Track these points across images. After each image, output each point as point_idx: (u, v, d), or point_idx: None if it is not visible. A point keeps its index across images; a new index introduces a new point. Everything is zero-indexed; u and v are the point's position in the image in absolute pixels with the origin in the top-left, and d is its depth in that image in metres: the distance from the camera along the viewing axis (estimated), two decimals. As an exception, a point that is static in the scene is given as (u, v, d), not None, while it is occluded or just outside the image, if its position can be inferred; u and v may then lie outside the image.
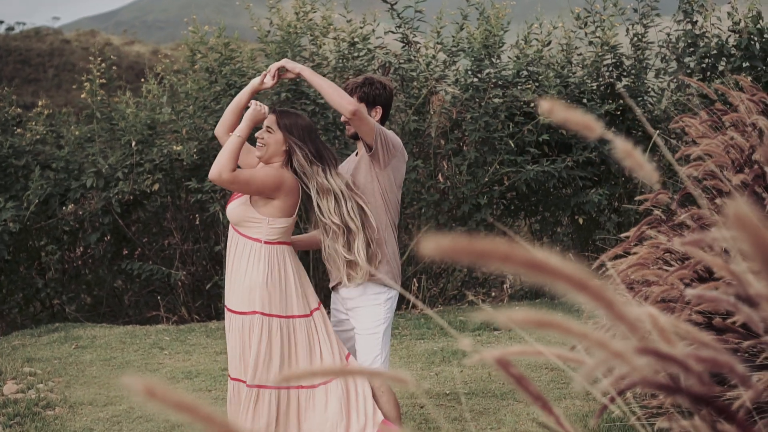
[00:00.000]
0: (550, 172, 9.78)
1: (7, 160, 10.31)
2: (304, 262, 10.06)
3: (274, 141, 4.59)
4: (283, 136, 4.55)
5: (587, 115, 1.20)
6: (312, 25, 10.22)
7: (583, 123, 1.20)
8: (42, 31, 75.90)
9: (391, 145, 4.48)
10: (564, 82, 10.27)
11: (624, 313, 1.01)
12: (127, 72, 48.92)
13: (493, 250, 0.93)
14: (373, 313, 4.52)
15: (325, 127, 9.65)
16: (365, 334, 4.55)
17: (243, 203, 4.62)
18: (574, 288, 0.98)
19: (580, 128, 1.21)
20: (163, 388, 0.90)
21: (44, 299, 10.93)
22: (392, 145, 4.49)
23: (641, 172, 1.32)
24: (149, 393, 0.90)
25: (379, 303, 4.51)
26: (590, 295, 0.99)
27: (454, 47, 10.26)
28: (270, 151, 4.60)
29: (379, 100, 4.56)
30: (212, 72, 9.81)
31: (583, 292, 0.98)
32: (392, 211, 4.56)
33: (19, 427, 5.99)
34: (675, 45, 10.57)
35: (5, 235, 9.60)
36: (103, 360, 7.94)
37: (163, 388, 0.90)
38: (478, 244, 0.93)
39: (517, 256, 0.94)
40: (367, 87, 4.56)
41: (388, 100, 4.62)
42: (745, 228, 0.85)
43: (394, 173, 4.54)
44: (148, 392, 0.90)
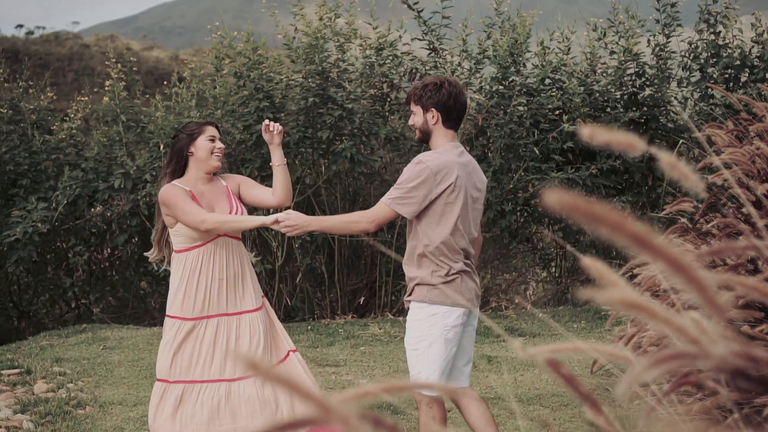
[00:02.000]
0: (574, 180, 9.81)
1: (38, 157, 10.42)
2: (329, 268, 10.15)
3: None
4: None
5: (629, 135, 1.25)
6: (338, 30, 10.29)
7: (625, 142, 1.25)
8: (61, 35, 76.30)
9: (420, 193, 4.40)
10: (588, 90, 10.30)
11: (714, 297, 1.07)
12: (146, 77, 49.13)
13: (607, 217, 0.98)
14: (412, 327, 4.52)
15: (352, 132, 9.72)
16: (408, 349, 4.59)
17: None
18: (672, 268, 1.03)
19: (623, 147, 1.26)
20: (266, 365, 0.98)
21: (71, 300, 11.02)
22: (416, 200, 4.40)
23: (686, 183, 1.36)
24: (252, 366, 0.97)
25: (419, 318, 4.49)
26: (686, 276, 1.05)
27: (479, 54, 10.31)
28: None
29: (432, 103, 4.54)
30: (240, 77, 9.89)
31: (679, 272, 1.04)
32: (440, 235, 4.44)
33: (51, 425, 6.06)
34: (698, 55, 10.60)
35: (34, 235, 9.70)
36: (131, 361, 8.01)
37: (266, 365, 0.98)
38: (594, 208, 0.99)
39: (626, 228, 0.99)
40: (420, 90, 4.55)
41: (445, 102, 4.56)
42: None
43: (430, 205, 4.46)
44: (251, 366, 0.98)
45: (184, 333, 4.76)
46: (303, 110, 9.72)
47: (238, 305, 4.88)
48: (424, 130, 4.58)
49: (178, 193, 4.74)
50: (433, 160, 4.42)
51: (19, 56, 67.36)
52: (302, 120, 9.71)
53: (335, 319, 9.97)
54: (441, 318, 4.39)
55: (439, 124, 4.54)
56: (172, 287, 4.88)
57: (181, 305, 4.79)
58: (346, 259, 10.34)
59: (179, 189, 4.78)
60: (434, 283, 4.39)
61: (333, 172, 9.83)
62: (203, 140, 4.85)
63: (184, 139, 4.87)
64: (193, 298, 4.77)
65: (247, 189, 5.08)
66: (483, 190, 4.63)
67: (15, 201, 10.33)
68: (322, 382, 7.24)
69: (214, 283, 4.80)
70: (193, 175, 4.90)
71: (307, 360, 8.04)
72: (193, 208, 4.68)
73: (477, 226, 4.60)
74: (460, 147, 4.58)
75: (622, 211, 0.99)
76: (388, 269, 10.21)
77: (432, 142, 4.58)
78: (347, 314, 10.15)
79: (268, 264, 9.88)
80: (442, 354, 4.42)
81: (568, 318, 9.47)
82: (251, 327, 4.88)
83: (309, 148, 9.98)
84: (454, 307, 4.40)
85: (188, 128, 4.93)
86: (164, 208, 4.78)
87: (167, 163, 4.96)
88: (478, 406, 4.54)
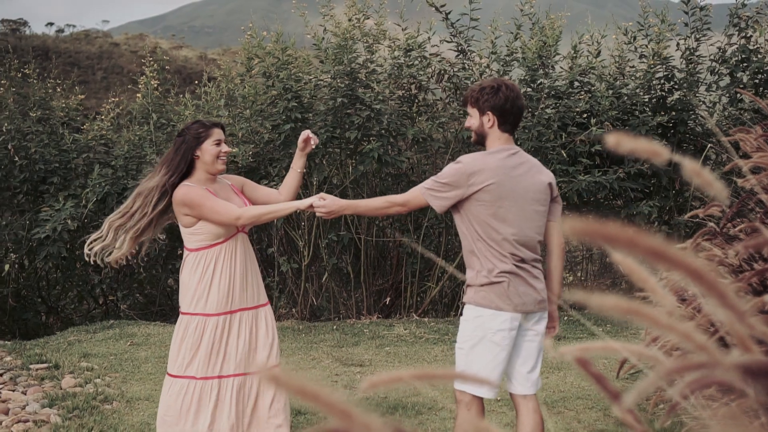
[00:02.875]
0: (601, 183, 9.78)
1: (68, 156, 10.53)
2: (355, 268, 10.17)
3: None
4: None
5: (654, 142, 1.26)
6: (366, 31, 10.31)
7: (650, 150, 1.26)
8: (91, 33, 76.90)
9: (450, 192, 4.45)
10: (616, 94, 10.27)
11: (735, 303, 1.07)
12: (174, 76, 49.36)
13: (620, 236, 1.00)
14: (461, 328, 4.51)
15: (379, 133, 9.74)
16: (456, 348, 4.56)
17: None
18: (692, 278, 1.04)
19: (647, 155, 1.27)
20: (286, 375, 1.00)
21: (99, 296, 11.11)
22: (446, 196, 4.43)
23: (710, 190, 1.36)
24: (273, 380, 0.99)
25: (467, 319, 4.49)
26: (705, 285, 1.05)
27: (507, 57, 10.31)
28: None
29: (488, 106, 4.50)
30: (269, 76, 9.93)
31: (698, 281, 1.05)
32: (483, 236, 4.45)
33: (78, 419, 6.10)
34: (728, 59, 10.54)
35: (64, 233, 9.79)
36: (158, 357, 8.07)
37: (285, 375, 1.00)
38: (607, 229, 1.00)
39: (641, 243, 1.00)
40: (477, 92, 4.51)
41: (501, 104, 4.48)
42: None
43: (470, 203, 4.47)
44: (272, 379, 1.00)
45: (208, 329, 4.79)
46: (331, 110, 9.75)
47: (255, 299, 4.94)
48: (479, 132, 4.55)
49: (201, 193, 4.72)
50: (473, 160, 4.40)
51: (49, 54, 67.99)
52: (330, 120, 9.74)
53: (360, 319, 10.00)
54: (486, 320, 4.35)
55: (495, 127, 4.50)
56: (188, 285, 4.85)
57: (205, 302, 4.79)
58: (372, 260, 10.36)
59: (199, 189, 4.77)
60: (480, 284, 4.36)
61: (360, 173, 9.85)
62: (209, 144, 4.83)
63: (191, 141, 4.84)
64: (217, 294, 4.78)
65: (251, 190, 5.12)
66: (543, 191, 4.51)
67: (45, 198, 10.45)
68: (346, 381, 7.27)
69: (236, 278, 4.82)
70: (200, 176, 4.88)
71: (332, 359, 8.07)
72: (223, 206, 4.69)
73: (536, 229, 4.49)
74: (514, 149, 4.51)
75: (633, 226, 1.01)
76: (414, 270, 10.23)
77: (487, 144, 4.54)
78: (373, 314, 10.18)
79: (295, 263, 9.91)
80: (485, 356, 4.37)
81: (594, 321, 9.45)
82: (266, 320, 4.96)
83: (337, 148, 10.02)
84: (500, 311, 4.34)
85: (195, 130, 4.88)
86: (184, 208, 4.73)
87: (170, 160, 4.86)
88: (530, 418, 4.50)
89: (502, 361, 4.39)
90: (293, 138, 9.61)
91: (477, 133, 4.57)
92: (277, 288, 10.09)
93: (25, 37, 76.34)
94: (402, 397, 6.70)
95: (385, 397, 6.69)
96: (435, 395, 6.82)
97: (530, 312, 4.41)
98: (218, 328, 4.80)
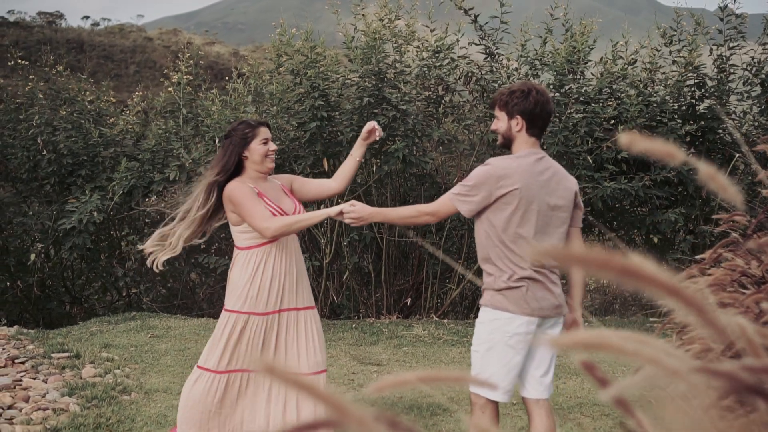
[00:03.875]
0: (627, 190, 9.73)
1: (96, 149, 10.62)
2: (376, 267, 10.18)
3: None
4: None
5: (669, 143, 1.25)
6: (396, 32, 10.31)
7: (665, 151, 1.25)
8: (126, 27, 77.25)
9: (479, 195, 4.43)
10: (645, 101, 10.20)
11: (715, 319, 1.06)
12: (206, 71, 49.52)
13: (591, 258, 0.98)
14: (477, 330, 4.50)
15: (405, 133, 9.74)
16: (471, 350, 4.57)
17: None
18: (668, 294, 1.03)
19: (662, 156, 1.25)
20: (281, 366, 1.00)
21: (122, 288, 11.20)
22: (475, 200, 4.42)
23: (725, 195, 1.35)
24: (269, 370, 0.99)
25: (483, 322, 4.48)
26: (683, 302, 1.04)
27: (537, 60, 10.27)
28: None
29: (518, 110, 4.45)
30: (297, 74, 9.96)
31: (675, 298, 1.04)
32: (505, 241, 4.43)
33: (97, 409, 6.15)
34: (760, 69, 10.45)
35: (90, 225, 9.88)
36: (178, 350, 8.12)
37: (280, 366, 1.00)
38: (576, 252, 0.99)
39: (613, 264, 0.99)
40: (506, 96, 4.49)
41: (531, 109, 4.45)
42: None
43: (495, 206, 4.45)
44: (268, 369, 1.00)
45: (253, 327, 4.77)
46: (357, 110, 9.76)
47: (302, 300, 4.90)
48: (507, 136, 4.53)
49: (247, 193, 4.71)
50: (500, 163, 4.38)
51: (84, 47, 68.42)
52: (356, 119, 9.75)
53: (380, 319, 10.01)
54: (503, 324, 4.34)
55: (523, 131, 4.48)
56: (237, 283, 4.81)
57: (254, 301, 4.76)
58: (394, 260, 10.37)
59: (248, 188, 4.75)
60: (497, 288, 4.34)
61: (384, 172, 9.86)
62: (257, 144, 4.83)
63: (238, 142, 4.84)
64: (267, 293, 4.75)
65: (302, 185, 5.11)
66: (567, 197, 4.49)
67: (72, 190, 10.54)
68: (363, 380, 7.28)
69: (285, 277, 4.79)
70: (251, 174, 4.86)
71: (349, 357, 8.09)
72: (259, 212, 4.65)
73: (559, 235, 4.47)
74: (540, 153, 4.49)
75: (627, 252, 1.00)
76: (435, 271, 10.22)
77: (514, 148, 4.52)
78: (392, 314, 10.18)
79: (316, 261, 9.94)
80: (500, 360, 4.37)
81: (614, 328, 9.38)
82: (315, 323, 4.94)
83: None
84: (518, 315, 4.33)
85: (241, 131, 4.87)
86: (230, 205, 4.74)
87: (219, 161, 4.88)
88: (542, 422, 4.49)
89: (517, 364, 4.38)
90: (318, 136, 9.64)
91: (504, 136, 4.55)
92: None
93: (61, 29, 76.86)
94: (418, 397, 6.70)
95: (400, 397, 6.69)
96: (452, 396, 6.82)
97: (547, 317, 4.39)
98: (263, 327, 4.78)
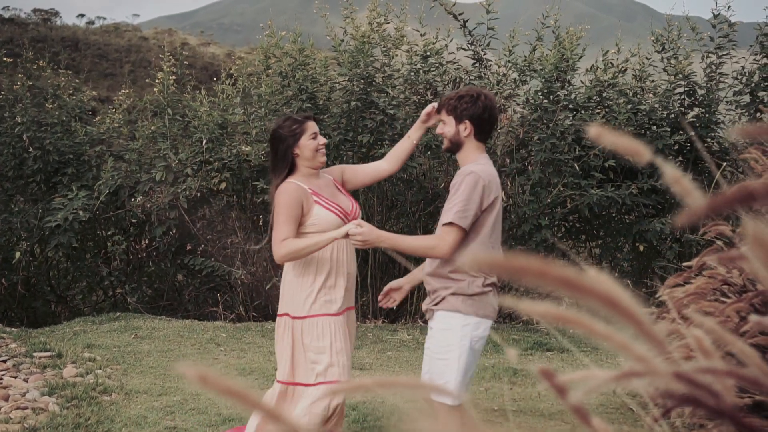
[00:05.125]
0: (613, 198, 9.73)
1: (82, 148, 10.59)
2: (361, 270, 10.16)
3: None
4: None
5: (635, 141, 1.24)
6: (385, 36, 10.31)
7: (631, 149, 1.24)
8: (121, 27, 77.24)
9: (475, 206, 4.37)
10: (634, 110, 10.20)
11: (652, 330, 1.06)
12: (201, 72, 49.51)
13: (528, 267, 0.98)
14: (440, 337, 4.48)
15: (392, 138, 9.73)
16: (434, 358, 4.52)
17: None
18: (606, 305, 1.03)
19: (629, 154, 1.25)
20: (216, 376, 0.98)
21: (107, 288, 11.17)
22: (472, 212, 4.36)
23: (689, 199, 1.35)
24: (202, 380, 0.98)
25: (451, 328, 4.46)
26: (620, 313, 1.04)
27: (525, 67, 10.27)
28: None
29: (467, 114, 4.45)
30: (285, 76, 9.94)
31: (613, 309, 1.03)
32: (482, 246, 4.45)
33: (76, 409, 6.12)
34: (750, 78, 10.46)
35: (75, 223, 9.86)
36: (161, 351, 8.10)
37: (215, 376, 0.97)
38: (513, 261, 0.98)
39: (550, 273, 0.98)
40: (455, 100, 4.47)
41: (480, 114, 4.46)
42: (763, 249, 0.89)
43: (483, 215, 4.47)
44: (201, 379, 0.98)
45: (333, 329, 4.64)
46: (345, 113, 9.75)
47: (354, 298, 4.86)
48: (455, 141, 4.51)
49: (289, 202, 4.56)
50: (483, 171, 4.38)
51: (79, 45, 68.32)
52: (344, 123, 9.74)
53: (365, 323, 9.99)
54: (472, 329, 4.36)
55: (471, 136, 4.49)
56: (301, 286, 4.66)
57: (326, 303, 4.63)
58: (380, 264, 10.35)
59: (294, 195, 4.59)
60: (471, 294, 4.35)
61: (372, 177, 9.83)
62: (307, 139, 4.69)
63: (288, 140, 4.68)
64: (335, 293, 4.65)
65: (354, 173, 5.01)
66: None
67: (58, 188, 10.52)
68: (344, 384, 7.26)
69: (349, 277, 4.74)
70: (303, 172, 4.73)
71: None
72: (283, 228, 4.51)
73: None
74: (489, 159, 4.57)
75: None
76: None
77: (462, 153, 4.52)
78: (378, 318, 10.17)
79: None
80: (469, 365, 4.41)
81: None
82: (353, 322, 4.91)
83: (349, 151, 10.01)
84: (484, 319, 4.38)
85: (288, 128, 4.71)
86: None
87: (273, 165, 4.76)
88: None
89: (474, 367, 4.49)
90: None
91: (452, 141, 4.53)
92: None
93: (56, 27, 76.78)
94: (400, 402, 6.69)
95: (382, 402, 6.68)
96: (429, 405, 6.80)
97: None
98: (341, 327, 4.68)
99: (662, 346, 1.08)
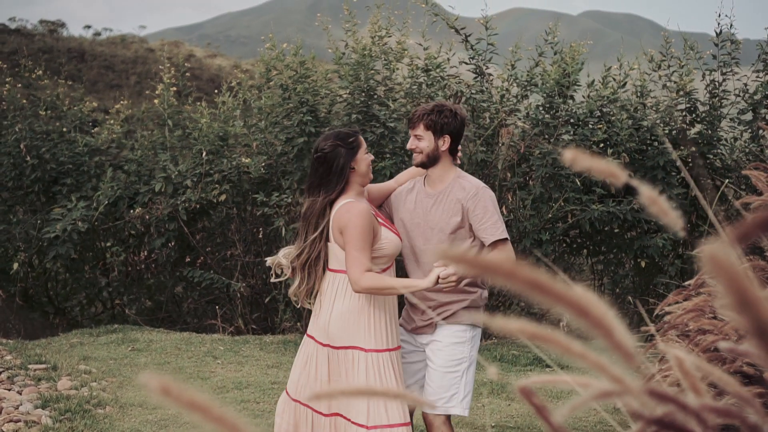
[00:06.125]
0: (615, 213, 9.69)
1: (81, 158, 10.58)
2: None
3: None
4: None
5: (611, 163, 1.22)
6: (387, 49, 10.29)
7: (607, 171, 1.22)
8: (128, 38, 77.42)
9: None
10: (636, 125, 10.16)
11: (622, 341, 1.03)
12: (207, 84, 49.65)
13: (499, 267, 0.96)
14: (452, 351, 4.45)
15: (393, 151, 9.70)
16: (443, 372, 4.44)
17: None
18: (576, 313, 1.00)
19: (605, 176, 1.23)
20: (177, 386, 0.94)
21: (106, 300, 11.14)
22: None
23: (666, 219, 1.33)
24: (164, 391, 0.94)
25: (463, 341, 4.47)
26: (590, 321, 1.01)
27: (526, 82, 10.23)
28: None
29: (447, 129, 4.42)
30: (286, 89, 9.93)
31: (583, 317, 1.00)
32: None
33: (69, 422, 6.10)
34: (752, 95, 10.43)
35: (74, 234, 9.83)
36: (158, 364, 8.06)
37: (176, 387, 0.94)
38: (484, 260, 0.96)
39: (520, 275, 0.96)
40: (435, 115, 4.42)
41: (458, 129, 4.45)
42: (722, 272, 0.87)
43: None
44: (162, 390, 0.94)
45: (396, 364, 4.32)
46: (346, 126, 9.72)
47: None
48: (433, 155, 4.45)
49: (366, 226, 4.20)
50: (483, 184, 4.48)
51: (85, 57, 68.50)
52: (345, 136, 9.70)
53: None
54: (477, 340, 4.50)
55: (446, 150, 4.49)
56: (344, 315, 4.28)
57: (374, 335, 4.26)
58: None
59: (369, 218, 4.24)
60: (480, 306, 4.48)
61: (372, 190, 9.80)
62: (363, 153, 4.37)
63: (348, 153, 4.30)
64: (384, 327, 4.28)
65: (379, 194, 4.72)
66: None
67: (57, 199, 10.50)
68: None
69: (395, 310, 4.42)
70: (355, 189, 4.38)
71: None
72: (363, 257, 4.13)
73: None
74: None
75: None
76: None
77: (439, 167, 4.48)
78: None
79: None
80: (474, 374, 4.53)
81: (603, 351, 9.33)
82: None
83: (350, 164, 9.97)
84: (480, 328, 4.53)
85: (345, 140, 4.34)
86: (339, 229, 4.25)
87: (321, 181, 4.34)
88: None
89: None
90: (306, 151, 9.60)
91: (429, 155, 4.48)
92: (284, 301, 10.05)
93: (62, 38, 77.00)
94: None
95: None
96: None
97: None
98: (388, 364, 4.28)
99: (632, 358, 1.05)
